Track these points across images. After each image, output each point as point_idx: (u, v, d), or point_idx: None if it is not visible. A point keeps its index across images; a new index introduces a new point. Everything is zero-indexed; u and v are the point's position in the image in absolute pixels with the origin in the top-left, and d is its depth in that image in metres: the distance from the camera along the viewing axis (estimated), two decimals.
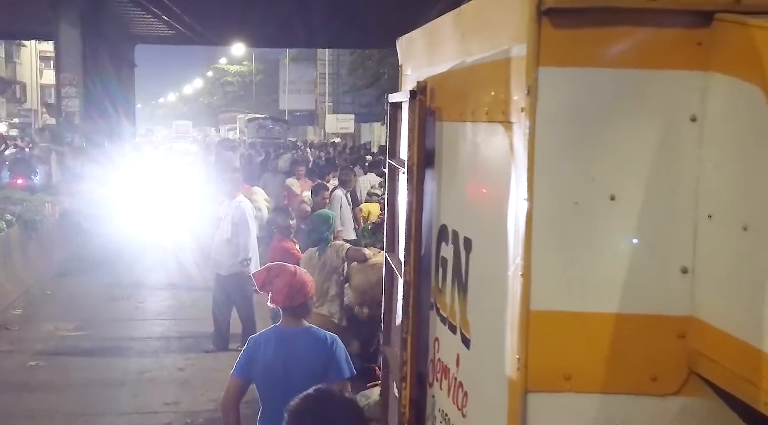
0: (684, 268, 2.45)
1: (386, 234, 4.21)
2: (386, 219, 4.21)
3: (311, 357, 4.84)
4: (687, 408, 2.47)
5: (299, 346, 4.85)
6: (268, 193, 15.88)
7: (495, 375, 2.67)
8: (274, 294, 4.91)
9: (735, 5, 2.38)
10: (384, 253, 4.34)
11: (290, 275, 4.94)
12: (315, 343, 4.91)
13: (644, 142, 2.44)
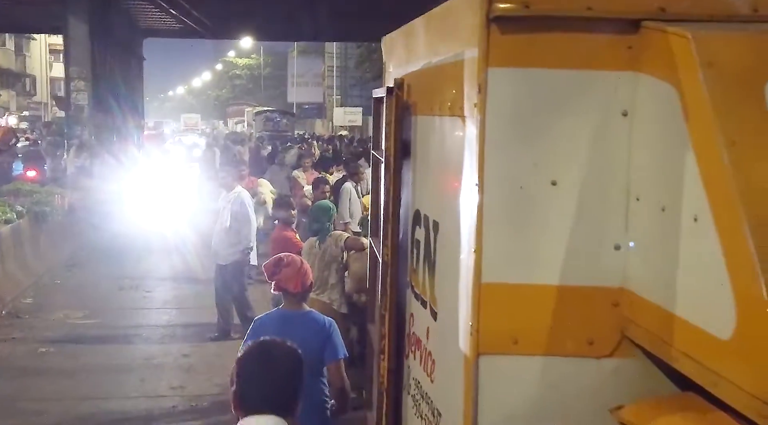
0: (617, 245, 2.78)
1: (371, 221, 4.53)
2: (371, 207, 4.53)
3: (311, 337, 5.16)
4: (619, 368, 2.79)
5: (301, 328, 5.18)
6: (274, 185, 16.12)
7: (454, 341, 3.00)
8: (284, 282, 5.32)
9: (660, 14, 2.70)
10: (369, 238, 4.66)
11: (299, 264, 5.41)
12: (315, 325, 5.30)
13: (582, 134, 2.76)
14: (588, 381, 2.80)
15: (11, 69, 62.58)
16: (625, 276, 2.76)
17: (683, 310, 2.44)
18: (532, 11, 2.71)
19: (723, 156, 2.24)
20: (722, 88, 2.34)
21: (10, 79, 63.27)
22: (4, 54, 61.19)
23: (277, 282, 5.39)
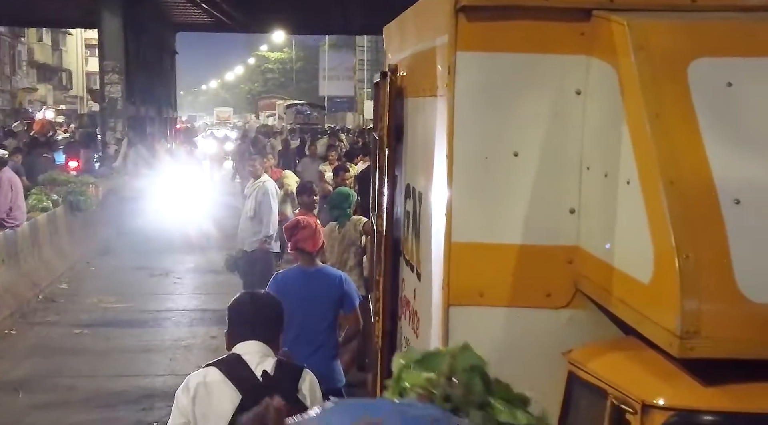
0: (571, 209, 3.14)
1: (371, 197, 4.91)
2: (372, 184, 4.90)
3: (328, 291, 5.83)
4: (574, 318, 3.15)
5: (317, 282, 5.84)
6: (306, 177, 16.44)
7: (431, 296, 3.37)
8: (301, 242, 5.94)
9: (608, 3, 3.05)
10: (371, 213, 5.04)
11: (313, 227, 6.07)
12: (330, 279, 5.95)
13: (540, 110, 3.12)
14: (546, 330, 3.16)
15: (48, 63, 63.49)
16: (578, 236, 3.12)
17: (619, 262, 2.80)
18: (495, 1, 3.08)
19: (647, 127, 2.60)
20: (650, 68, 2.69)
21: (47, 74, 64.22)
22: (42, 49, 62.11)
23: (294, 243, 6.01)
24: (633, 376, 2.61)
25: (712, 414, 2.43)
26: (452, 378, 1.62)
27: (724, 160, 2.54)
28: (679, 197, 2.48)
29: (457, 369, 1.69)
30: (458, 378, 1.64)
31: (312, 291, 5.78)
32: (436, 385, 1.61)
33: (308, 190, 10.88)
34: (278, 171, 15.88)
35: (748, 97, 2.67)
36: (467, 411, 1.53)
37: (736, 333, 2.39)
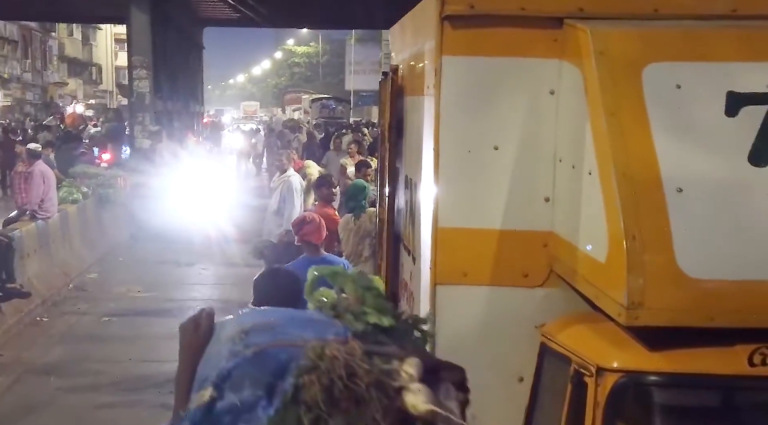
0: (546, 198, 3.48)
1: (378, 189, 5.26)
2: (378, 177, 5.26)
3: None
4: (548, 296, 3.49)
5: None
6: (331, 170, 16.76)
7: (422, 276, 3.73)
8: (308, 235, 6.53)
9: (578, 13, 3.39)
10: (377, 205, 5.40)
11: (318, 221, 6.60)
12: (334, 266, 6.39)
13: (518, 108, 3.47)
14: (523, 306, 3.50)
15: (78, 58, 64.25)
16: (552, 222, 3.47)
17: (583, 244, 3.15)
18: (476, 11, 3.42)
19: (604, 124, 2.94)
20: (609, 71, 3.03)
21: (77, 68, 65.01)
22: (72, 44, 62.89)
23: (301, 236, 6.61)
24: (591, 344, 2.96)
25: (656, 375, 2.77)
26: (343, 292, 1.99)
27: (671, 153, 2.87)
28: (629, 186, 2.82)
29: (353, 287, 2.07)
30: (351, 294, 2.00)
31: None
32: (330, 297, 2.00)
33: (327, 182, 11.24)
34: (300, 162, 16.24)
35: (695, 98, 3.01)
36: (345, 317, 1.88)
37: (675, 305, 2.72)
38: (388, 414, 1.78)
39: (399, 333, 1.97)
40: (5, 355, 10.63)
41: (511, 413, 3.39)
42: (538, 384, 3.28)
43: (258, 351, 1.82)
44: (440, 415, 1.78)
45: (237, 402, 1.79)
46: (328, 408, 1.76)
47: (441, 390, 1.86)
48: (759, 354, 2.70)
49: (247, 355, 1.81)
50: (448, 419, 1.77)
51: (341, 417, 1.78)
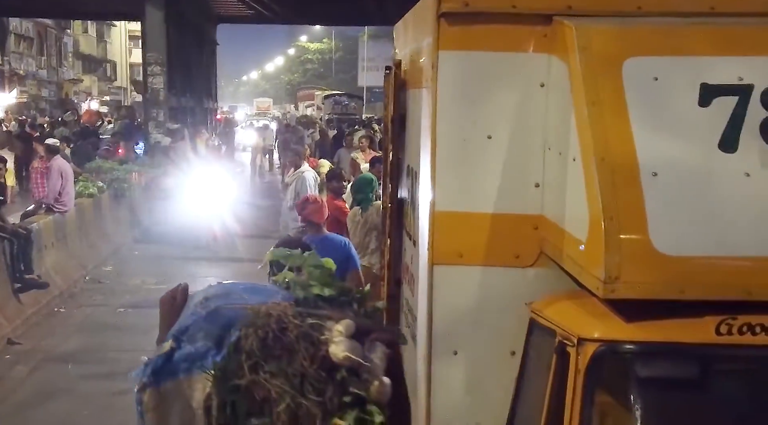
0: (537, 183, 3.71)
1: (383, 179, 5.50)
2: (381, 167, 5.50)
3: (335, 252, 6.66)
4: (539, 275, 3.72)
5: (325, 246, 6.68)
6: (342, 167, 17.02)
7: (421, 258, 3.97)
8: (310, 215, 7.28)
9: (567, 10, 3.62)
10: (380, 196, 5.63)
11: (320, 203, 7.47)
12: (335, 244, 7.23)
13: (510, 100, 3.70)
14: (515, 285, 3.73)
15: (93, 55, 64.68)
16: (542, 206, 3.70)
17: (568, 226, 3.39)
18: (470, 8, 3.66)
19: (586, 113, 3.18)
20: (591, 65, 3.27)
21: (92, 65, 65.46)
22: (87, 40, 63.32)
23: (304, 216, 7.38)
24: (573, 318, 3.20)
25: (631, 344, 3.01)
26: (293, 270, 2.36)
27: (647, 140, 3.10)
28: (607, 171, 3.05)
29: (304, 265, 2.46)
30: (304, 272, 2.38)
31: (320, 255, 6.43)
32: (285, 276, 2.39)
33: (337, 176, 11.53)
34: (314, 160, 16.52)
35: (670, 89, 3.23)
36: (293, 289, 2.24)
37: (648, 279, 2.96)
38: (314, 361, 2.11)
39: (341, 303, 2.31)
40: (25, 344, 10.98)
41: (504, 383, 3.63)
42: (527, 357, 3.52)
43: (211, 310, 2.20)
44: (355, 362, 2.10)
45: (192, 350, 2.15)
46: (263, 355, 2.11)
47: (368, 346, 2.17)
48: (725, 325, 2.94)
49: (202, 314, 2.18)
50: (360, 364, 2.08)
51: (274, 362, 2.13)
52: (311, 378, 2.06)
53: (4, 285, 11.73)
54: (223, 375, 2.11)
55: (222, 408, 2.09)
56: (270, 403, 2.05)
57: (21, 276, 12.09)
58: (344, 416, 2.01)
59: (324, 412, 2.04)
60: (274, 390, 2.05)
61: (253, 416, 2.10)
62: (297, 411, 2.03)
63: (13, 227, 12.27)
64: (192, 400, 2.11)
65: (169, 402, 2.17)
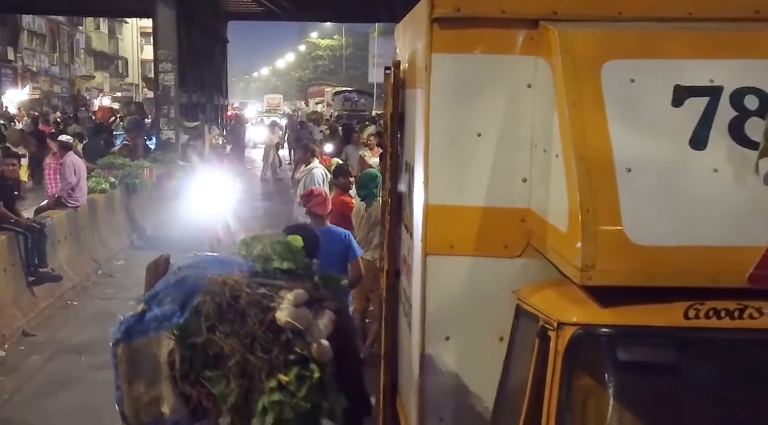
0: (524, 178, 3.94)
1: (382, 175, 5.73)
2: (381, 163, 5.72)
3: (337, 243, 7.58)
4: (526, 265, 3.95)
5: (328, 237, 7.17)
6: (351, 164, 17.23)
7: (416, 249, 4.21)
8: (315, 207, 7.86)
9: (552, 15, 3.84)
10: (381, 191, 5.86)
11: (324, 195, 8.03)
12: (337, 235, 7.83)
13: (499, 100, 3.93)
14: (503, 274, 3.96)
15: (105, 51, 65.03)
16: (529, 200, 3.93)
17: (552, 218, 3.61)
18: (461, 14, 3.89)
19: (566, 112, 3.40)
20: (572, 67, 3.49)
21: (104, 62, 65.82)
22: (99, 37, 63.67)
23: (309, 208, 7.88)
24: (554, 304, 3.42)
25: (606, 327, 3.24)
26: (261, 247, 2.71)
27: (623, 138, 3.32)
28: (585, 167, 3.28)
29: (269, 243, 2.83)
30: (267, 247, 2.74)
31: (323, 246, 6.80)
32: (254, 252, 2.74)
33: (344, 172, 11.73)
34: (327, 158, 16.72)
35: (646, 91, 3.45)
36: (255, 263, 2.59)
37: (622, 267, 3.18)
38: (262, 325, 2.48)
39: (298, 276, 2.68)
40: (39, 335, 11.27)
41: (493, 367, 3.85)
42: (513, 341, 3.74)
43: (179, 279, 2.60)
44: (294, 326, 2.48)
45: (159, 313, 2.54)
46: (218, 318, 2.48)
47: (315, 312, 2.53)
48: (693, 309, 3.16)
49: (171, 282, 2.55)
50: (297, 328, 2.46)
51: (228, 325, 2.57)
52: (260, 338, 2.44)
53: (18, 278, 12.02)
54: (183, 334, 2.54)
55: (183, 362, 2.48)
56: (223, 358, 2.38)
57: (35, 269, 12.38)
58: (288, 372, 2.33)
59: (270, 368, 2.41)
60: (226, 348, 2.42)
61: (208, 369, 2.53)
62: (246, 366, 2.38)
63: (27, 222, 12.55)
64: (159, 355, 2.52)
65: (139, 356, 2.58)
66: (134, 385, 2.70)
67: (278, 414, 2.48)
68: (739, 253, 3.17)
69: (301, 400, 2.47)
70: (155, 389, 2.55)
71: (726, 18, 3.80)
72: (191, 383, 2.53)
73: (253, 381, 2.52)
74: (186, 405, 2.60)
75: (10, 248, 11.87)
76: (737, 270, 3.16)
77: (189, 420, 2.61)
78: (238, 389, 2.52)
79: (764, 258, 3.12)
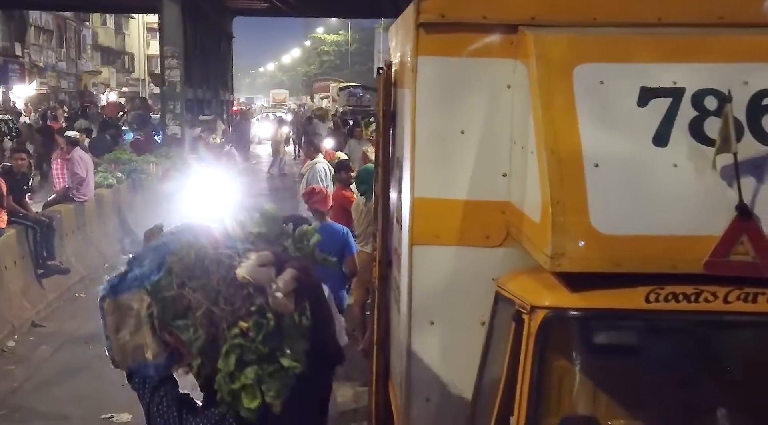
0: (504, 173, 4.20)
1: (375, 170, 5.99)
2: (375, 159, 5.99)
3: (335, 238, 8.08)
4: (506, 254, 4.21)
5: (327, 233, 7.71)
6: (352, 159, 17.49)
7: (404, 239, 4.48)
8: (316, 204, 8.37)
9: (531, 21, 4.10)
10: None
11: (324, 193, 8.54)
12: (336, 231, 8.31)
13: (480, 100, 4.19)
14: (484, 263, 4.22)
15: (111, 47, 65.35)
16: (509, 194, 4.19)
17: (527, 210, 3.88)
18: (446, 19, 4.16)
19: (540, 112, 3.67)
20: (546, 70, 3.75)
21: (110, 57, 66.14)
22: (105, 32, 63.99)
23: (311, 205, 8.38)
24: (528, 289, 3.69)
25: (575, 310, 3.51)
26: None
27: (591, 136, 3.58)
28: (557, 162, 3.54)
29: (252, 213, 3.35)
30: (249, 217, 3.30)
31: (323, 241, 7.10)
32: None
33: (345, 167, 12.03)
34: (331, 153, 16.99)
35: (614, 92, 3.70)
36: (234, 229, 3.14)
37: (589, 255, 3.45)
38: (224, 280, 2.98)
39: (270, 239, 3.19)
40: (48, 326, 11.57)
41: (475, 349, 4.12)
42: (493, 325, 4.02)
43: (159, 243, 3.15)
44: (250, 281, 2.98)
45: (139, 273, 3.09)
46: (186, 276, 3.00)
47: (280, 271, 3.01)
48: (653, 294, 3.43)
49: (152, 246, 2.99)
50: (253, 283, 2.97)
51: (196, 281, 3.00)
52: (223, 293, 2.96)
53: (27, 270, 12.31)
54: (157, 290, 3.03)
55: (158, 314, 3.03)
56: (191, 310, 2.97)
57: (43, 262, 12.68)
58: (247, 320, 2.79)
59: (233, 318, 2.95)
60: (193, 301, 2.97)
61: (178, 318, 3.00)
62: (212, 317, 2.96)
63: (35, 215, 12.85)
64: (140, 309, 3.06)
65: (122, 309, 3.11)
66: (120, 334, 3.14)
67: (239, 356, 2.94)
68: (697, 242, 3.44)
69: (259, 344, 2.94)
70: (138, 337, 3.07)
71: (692, 23, 4.06)
72: (168, 332, 3.02)
73: (218, 329, 2.95)
74: (165, 350, 3.07)
75: (19, 241, 12.16)
76: (695, 257, 3.43)
77: (167, 363, 3.09)
78: (204, 336, 2.95)
79: (719, 246, 3.39)
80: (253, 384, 2.98)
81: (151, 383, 3.19)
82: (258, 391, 3.00)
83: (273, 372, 3.01)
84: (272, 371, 3.00)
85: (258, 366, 2.99)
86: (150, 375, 3.16)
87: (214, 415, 3.10)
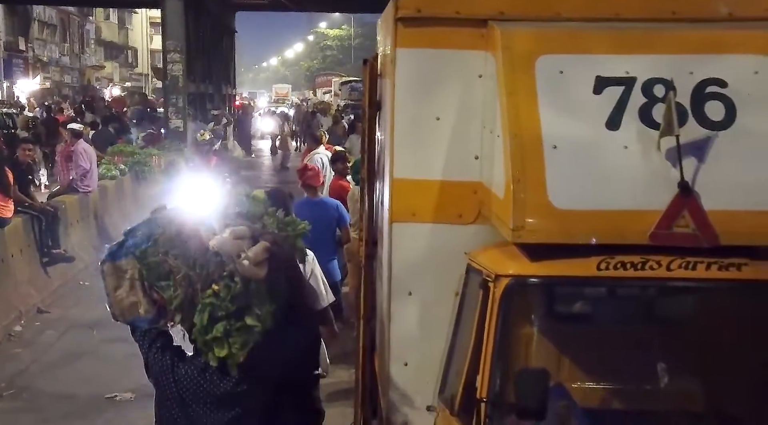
0: (476, 156, 4.56)
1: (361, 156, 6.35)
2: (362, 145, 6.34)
3: (328, 212, 9.02)
4: (478, 231, 4.56)
5: (321, 207, 8.93)
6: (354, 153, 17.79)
7: (385, 218, 4.84)
8: (309, 179, 9.17)
9: (500, 15, 4.46)
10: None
11: (317, 169, 9.47)
12: (329, 205, 9.22)
13: (454, 88, 4.55)
14: (458, 239, 4.57)
15: (115, 41, 65.61)
16: (480, 175, 4.55)
17: (495, 189, 4.25)
18: (422, 14, 4.52)
19: (505, 99, 4.03)
20: (511, 61, 4.11)
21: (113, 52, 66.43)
22: (108, 27, 64.26)
23: (304, 181, 9.10)
24: (494, 260, 4.06)
25: (534, 278, 3.88)
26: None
27: (551, 120, 3.94)
28: (518, 145, 3.91)
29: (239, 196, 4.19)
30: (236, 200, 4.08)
31: (316, 214, 7.99)
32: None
33: (342, 158, 12.38)
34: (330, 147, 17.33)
35: (572, 81, 4.06)
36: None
37: (546, 227, 3.82)
38: (199, 250, 3.75)
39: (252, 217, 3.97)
40: (53, 312, 11.95)
41: (449, 317, 4.49)
42: (464, 295, 4.38)
43: (150, 218, 3.96)
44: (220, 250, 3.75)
45: (132, 242, 3.89)
46: (169, 246, 3.80)
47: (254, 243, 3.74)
48: (604, 263, 3.80)
49: (144, 221, 3.94)
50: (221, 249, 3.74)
51: (176, 250, 3.78)
52: (200, 260, 3.73)
53: (33, 259, 12.69)
54: (144, 256, 3.82)
55: (145, 276, 3.82)
56: (172, 273, 3.74)
57: (49, 250, 13.04)
58: (218, 283, 3.67)
59: (208, 281, 3.70)
60: (173, 266, 3.75)
61: (161, 280, 3.78)
62: (189, 279, 3.71)
63: (41, 205, 13.21)
64: (134, 272, 3.85)
65: (119, 271, 3.90)
66: (117, 292, 3.88)
67: (211, 313, 3.66)
68: (643, 216, 3.82)
69: (228, 303, 3.66)
70: (132, 295, 3.81)
71: (648, 18, 4.42)
72: (156, 291, 3.77)
73: (195, 290, 3.69)
74: (154, 306, 3.82)
75: (25, 230, 12.53)
76: (641, 230, 3.80)
77: (156, 317, 3.85)
78: (182, 295, 3.70)
79: (662, 220, 3.77)
80: (222, 337, 3.71)
81: (150, 336, 3.95)
82: (226, 343, 3.72)
83: (240, 328, 3.71)
84: (239, 327, 3.71)
85: (227, 322, 3.70)
86: (144, 328, 3.92)
87: (200, 363, 3.86)
